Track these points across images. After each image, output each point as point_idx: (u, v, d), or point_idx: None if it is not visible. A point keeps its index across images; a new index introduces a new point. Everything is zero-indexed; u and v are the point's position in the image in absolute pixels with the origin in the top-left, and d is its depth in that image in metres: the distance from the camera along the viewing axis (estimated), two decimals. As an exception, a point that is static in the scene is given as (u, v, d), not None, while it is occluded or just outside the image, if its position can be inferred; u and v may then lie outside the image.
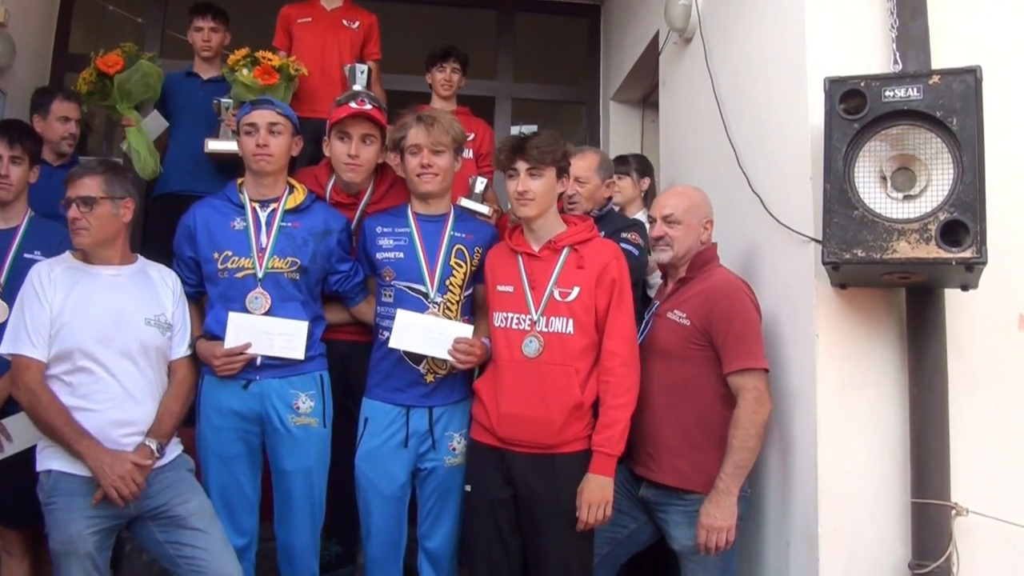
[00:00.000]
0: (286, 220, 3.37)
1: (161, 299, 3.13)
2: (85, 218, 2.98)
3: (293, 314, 3.31)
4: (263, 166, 3.34)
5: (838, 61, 3.00)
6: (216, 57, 4.78)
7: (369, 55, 5.08)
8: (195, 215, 3.38)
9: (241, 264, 3.29)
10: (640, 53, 5.36)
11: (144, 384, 3.02)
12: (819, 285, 2.92)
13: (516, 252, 3.23)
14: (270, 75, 4.30)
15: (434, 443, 3.32)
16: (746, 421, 2.97)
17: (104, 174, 3.05)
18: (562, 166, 3.20)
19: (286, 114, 3.42)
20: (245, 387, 3.27)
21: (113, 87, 4.39)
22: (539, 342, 3.10)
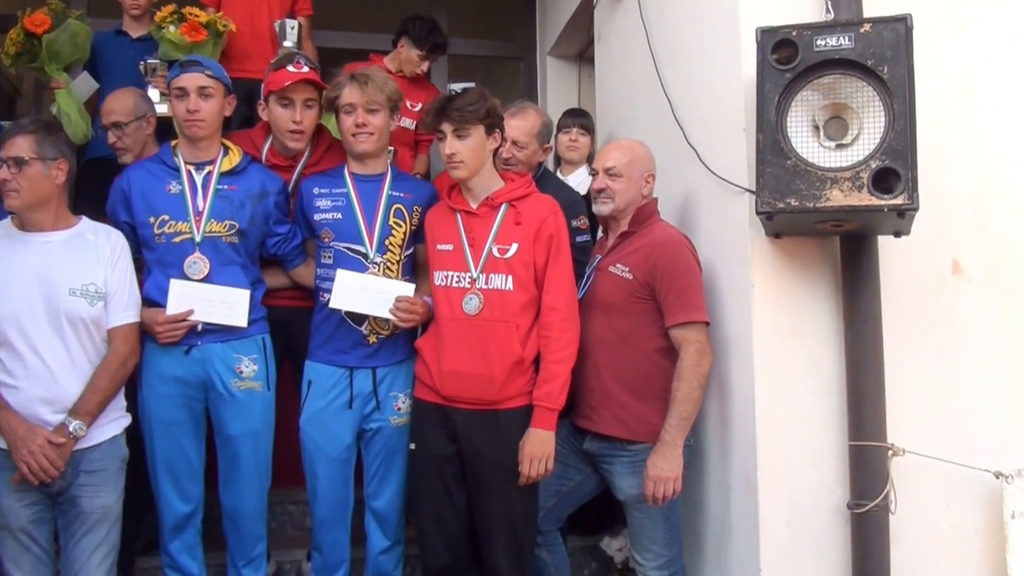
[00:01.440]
0: (222, 183, 3.32)
1: (92, 266, 2.98)
2: (15, 179, 2.87)
3: (232, 278, 3.27)
4: (195, 131, 3.28)
5: (770, 12, 2.99)
6: (145, 15, 4.62)
7: (300, 11, 4.96)
8: (129, 179, 3.31)
9: (178, 228, 3.24)
10: (575, 7, 5.31)
11: (71, 359, 2.91)
12: (754, 235, 2.95)
13: (455, 210, 3.21)
14: (197, 31, 4.21)
15: (378, 404, 3.32)
16: (689, 373, 3.01)
17: (35, 133, 2.93)
18: (491, 123, 3.15)
19: (217, 75, 3.34)
20: (187, 353, 3.23)
21: (42, 48, 4.26)
22: (479, 299, 3.09)
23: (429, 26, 4.80)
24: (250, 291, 3.29)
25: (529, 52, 6.48)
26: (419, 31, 4.76)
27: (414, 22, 4.79)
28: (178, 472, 3.28)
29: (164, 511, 3.30)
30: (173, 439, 3.26)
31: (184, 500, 3.29)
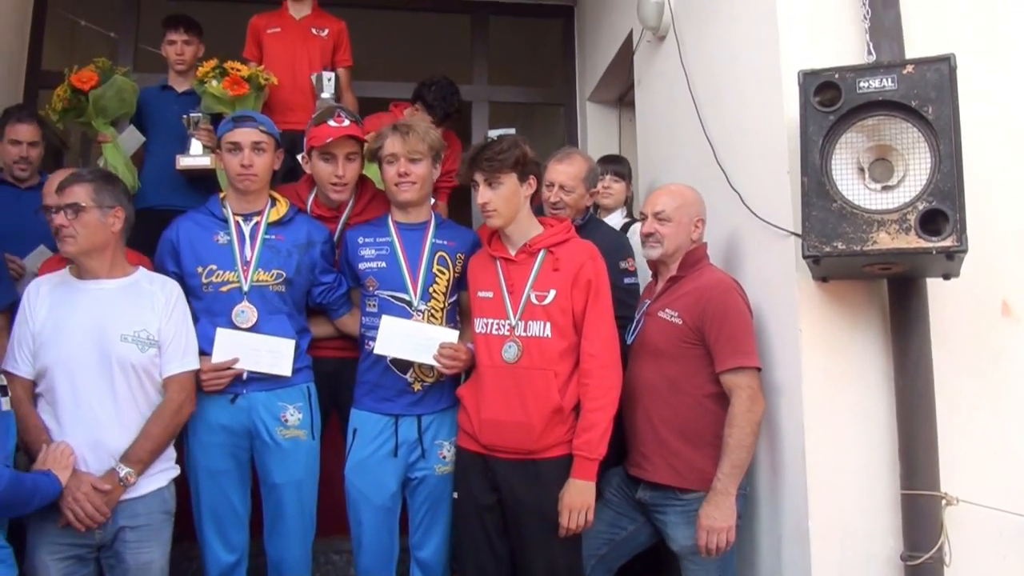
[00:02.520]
0: (269, 233, 3.37)
1: (145, 314, 3.01)
2: (72, 225, 2.92)
3: (279, 327, 3.30)
4: (248, 185, 3.34)
5: (812, 54, 2.99)
6: (190, 70, 4.73)
7: (340, 62, 5.06)
8: (178, 230, 3.36)
9: (226, 278, 3.28)
10: (614, 53, 5.35)
11: (119, 406, 2.93)
12: (801, 279, 2.91)
13: (494, 257, 3.21)
14: (240, 86, 4.28)
15: (424, 452, 3.31)
16: (741, 420, 2.96)
17: (94, 182, 2.99)
18: (523, 170, 3.16)
19: (269, 131, 3.40)
20: (232, 401, 3.25)
21: (88, 103, 4.36)
22: (518, 347, 3.09)
23: (443, 92, 4.77)
24: (295, 340, 3.31)
25: (569, 98, 6.53)
26: (432, 97, 4.76)
27: (429, 88, 4.78)
28: (223, 521, 3.27)
29: (209, 561, 3.29)
30: (218, 488, 3.26)
31: (229, 550, 3.28)
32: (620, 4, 5.24)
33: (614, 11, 5.42)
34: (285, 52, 4.91)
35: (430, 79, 4.81)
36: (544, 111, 7.45)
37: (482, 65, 6.55)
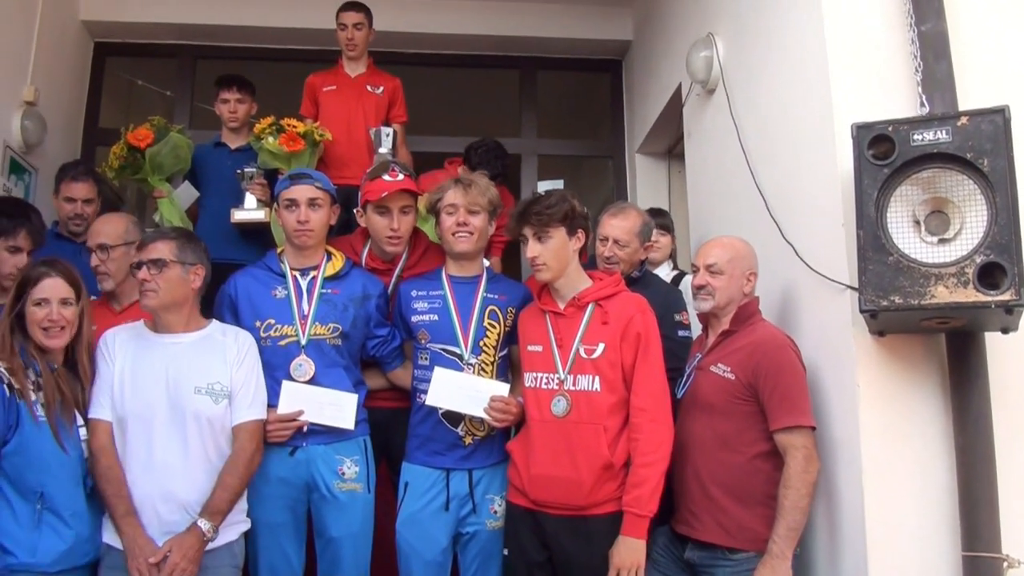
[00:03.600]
0: (326, 287, 3.42)
1: (218, 366, 3.06)
2: (154, 280, 3.00)
3: (337, 379, 3.34)
4: (305, 241, 3.40)
5: (864, 105, 2.99)
6: (243, 127, 4.86)
7: (394, 118, 5.14)
8: (236, 284, 3.42)
9: (284, 332, 3.33)
10: (663, 105, 5.38)
11: (191, 457, 2.96)
12: (857, 333, 2.88)
13: (544, 311, 3.22)
14: (295, 142, 4.37)
15: (475, 506, 3.30)
16: (797, 481, 2.89)
17: (177, 240, 3.09)
18: (572, 223, 3.18)
19: (325, 188, 3.47)
20: (292, 453, 3.28)
21: (145, 161, 4.46)
22: (567, 401, 3.08)
23: (489, 155, 4.84)
24: (357, 394, 3.34)
25: (618, 150, 6.56)
26: (478, 159, 4.82)
27: (476, 150, 4.87)
28: (278, 574, 3.27)
29: (263, 614, 3.30)
30: (275, 541, 3.26)
31: (284, 604, 3.28)
32: (668, 58, 5.28)
33: (662, 65, 5.46)
34: (341, 109, 4.99)
35: (478, 141, 4.89)
36: (592, 163, 7.49)
37: (531, 119, 6.61)
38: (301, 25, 6.12)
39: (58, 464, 2.82)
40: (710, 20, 4.50)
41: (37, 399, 2.84)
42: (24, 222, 3.52)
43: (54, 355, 2.93)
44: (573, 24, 6.35)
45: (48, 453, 2.80)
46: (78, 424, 2.91)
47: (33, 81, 5.21)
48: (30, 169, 5.23)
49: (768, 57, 3.75)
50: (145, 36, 6.33)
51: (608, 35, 6.42)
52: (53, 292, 2.89)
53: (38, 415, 2.81)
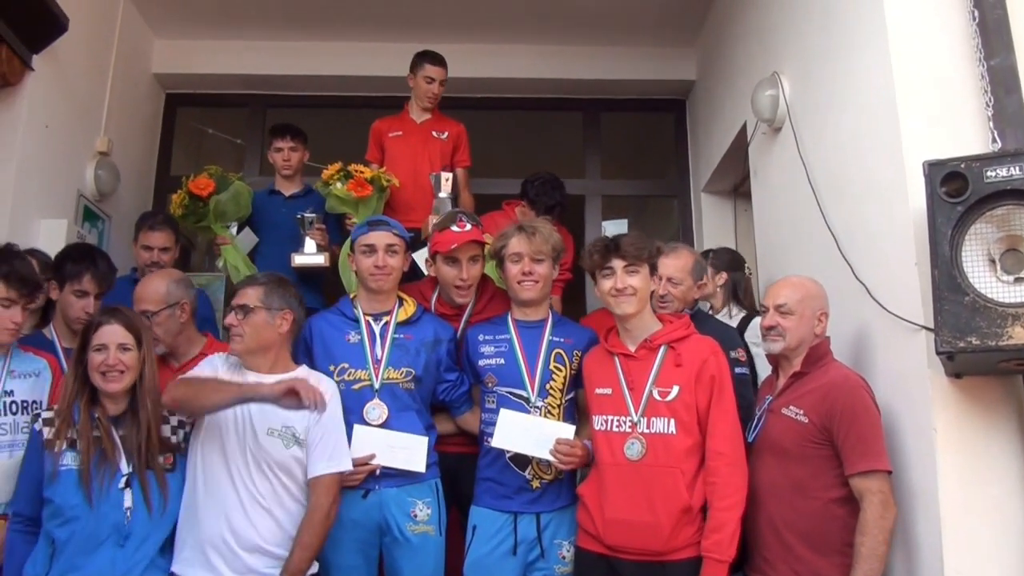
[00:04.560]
0: (399, 332, 3.47)
1: (296, 412, 3.03)
2: (241, 325, 3.07)
3: (410, 423, 3.36)
4: (381, 285, 3.47)
5: (934, 142, 2.95)
6: (296, 175, 4.97)
7: (458, 163, 5.20)
8: (311, 328, 3.47)
9: (358, 376, 3.37)
10: (728, 144, 5.37)
11: (256, 498, 2.97)
12: (933, 375, 2.81)
13: (613, 354, 3.21)
14: (363, 187, 4.45)
15: (543, 551, 3.27)
16: (874, 527, 2.81)
17: (265, 285, 3.15)
18: (654, 263, 3.22)
19: (401, 235, 3.55)
20: (365, 496, 3.29)
21: (208, 209, 4.57)
22: (641, 444, 3.04)
23: (545, 187, 4.84)
24: (428, 438, 3.36)
25: (683, 189, 6.56)
26: (534, 192, 4.83)
27: (533, 184, 4.87)
28: (350, 617, 3.28)
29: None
30: None
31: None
32: (733, 97, 5.28)
33: (727, 104, 5.46)
34: (407, 154, 5.08)
35: (535, 175, 4.91)
36: (656, 203, 7.48)
37: (594, 159, 6.64)
38: (367, 73, 6.29)
39: (79, 514, 2.85)
40: (775, 59, 4.50)
41: (69, 448, 2.90)
42: (89, 266, 3.62)
43: (116, 401, 2.98)
44: (636, 66, 6.42)
45: (67, 503, 2.85)
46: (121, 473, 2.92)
47: (106, 132, 5.42)
48: (103, 216, 5.40)
49: (835, 95, 3.73)
50: (215, 87, 6.55)
51: (671, 75, 6.46)
52: (111, 338, 2.95)
53: (61, 464, 2.88)
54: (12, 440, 3.14)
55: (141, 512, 2.89)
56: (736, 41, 5.30)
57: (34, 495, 2.91)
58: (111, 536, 2.84)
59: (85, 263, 3.63)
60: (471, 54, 5.81)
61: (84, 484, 2.85)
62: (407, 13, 5.96)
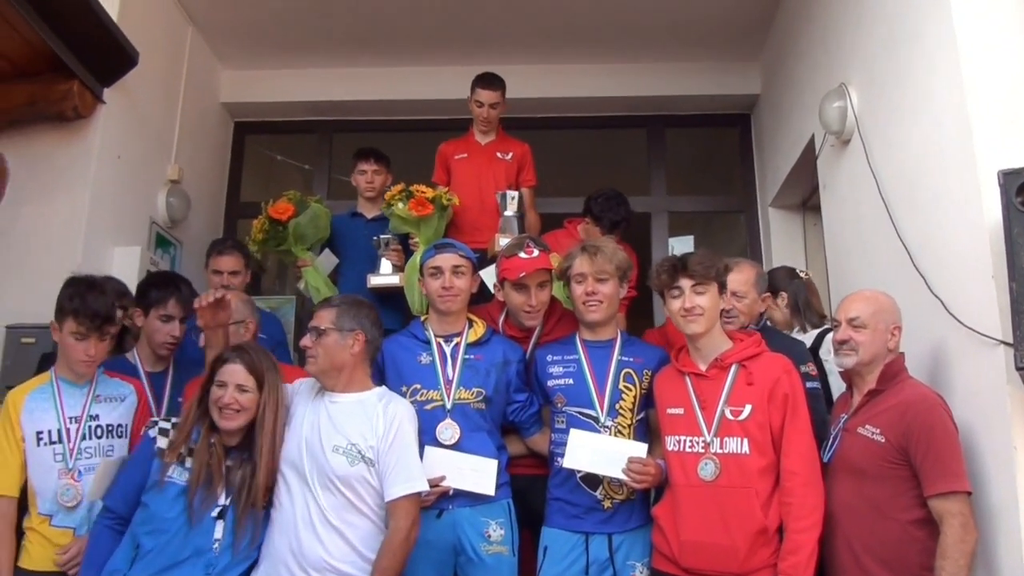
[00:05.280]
0: (469, 353, 3.49)
1: (363, 429, 3.05)
2: (314, 347, 3.12)
3: (481, 443, 3.38)
4: (449, 306, 3.51)
5: (1009, 151, 2.89)
6: (379, 197, 5.01)
7: (524, 183, 5.21)
8: (383, 351, 3.49)
9: (430, 396, 3.40)
10: (796, 158, 5.32)
11: (321, 515, 2.97)
12: (1013, 391, 2.74)
13: (684, 373, 3.19)
14: (424, 207, 4.48)
15: (615, 572, 3.25)
16: (954, 551, 2.72)
17: (338, 307, 3.19)
18: (722, 281, 3.20)
19: (467, 256, 3.59)
20: (438, 516, 3.31)
21: (288, 232, 4.64)
22: (715, 464, 3.01)
23: (609, 204, 4.77)
24: (498, 460, 3.37)
25: (750, 204, 6.51)
26: (598, 208, 4.77)
27: (597, 200, 4.81)
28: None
29: None
30: None
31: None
32: (799, 110, 5.23)
33: (793, 117, 5.41)
34: (472, 176, 5.09)
35: (598, 191, 4.87)
36: (723, 219, 7.43)
37: (659, 176, 6.62)
38: (432, 96, 6.39)
39: (169, 528, 2.92)
40: (841, 70, 4.45)
41: (180, 464, 2.99)
42: (173, 291, 3.75)
43: (231, 436, 3.06)
44: (700, 81, 6.40)
45: (161, 513, 2.93)
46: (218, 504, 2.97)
47: (177, 160, 5.59)
48: (175, 243, 5.55)
49: (905, 105, 3.67)
50: (282, 114, 6.73)
51: (736, 90, 6.44)
52: (232, 377, 3.04)
53: (169, 476, 2.98)
54: (93, 464, 3.26)
55: (227, 547, 2.94)
56: (801, 53, 5.26)
57: (130, 496, 3.03)
58: (190, 558, 2.89)
59: (169, 289, 3.76)
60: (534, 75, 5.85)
61: (188, 502, 2.93)
62: (470, 36, 6.05)
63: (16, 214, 4.69)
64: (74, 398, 3.31)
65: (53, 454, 3.21)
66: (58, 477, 3.19)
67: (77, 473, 3.22)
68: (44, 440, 3.22)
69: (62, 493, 3.17)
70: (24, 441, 3.21)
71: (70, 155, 4.79)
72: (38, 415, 3.24)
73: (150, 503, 2.97)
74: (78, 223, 4.71)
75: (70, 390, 3.32)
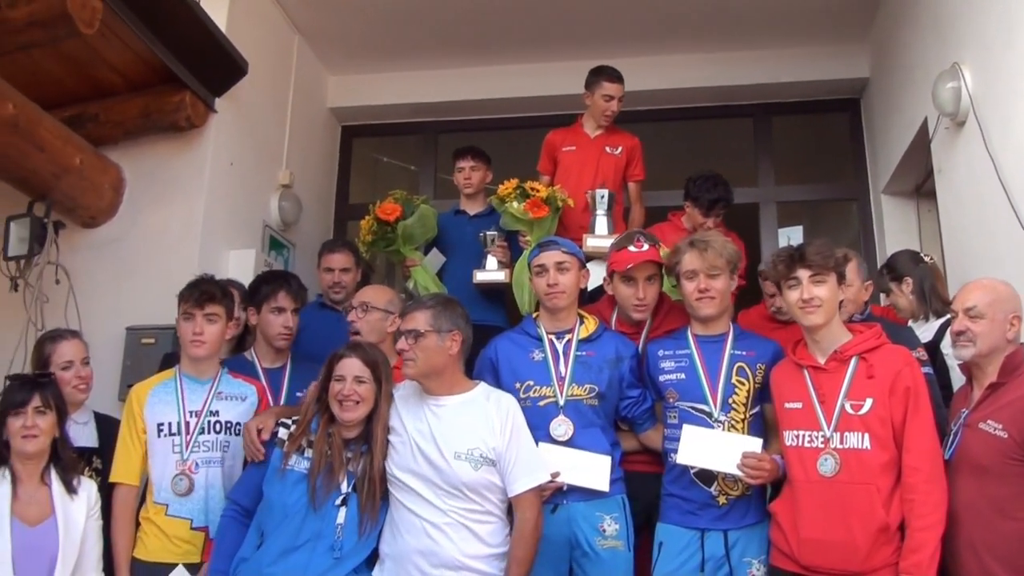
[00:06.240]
0: (581, 349, 3.49)
1: (480, 431, 3.10)
2: (412, 349, 3.15)
3: (594, 439, 3.38)
4: (556, 302, 3.51)
5: None
6: (479, 193, 5.08)
7: (631, 177, 5.18)
8: (496, 349, 3.56)
9: (543, 393, 3.42)
10: (909, 142, 5.17)
11: (451, 517, 3.01)
12: None
13: (801, 366, 3.13)
14: (539, 208, 4.50)
15: (731, 570, 3.21)
16: None
17: (433, 308, 3.22)
18: (841, 271, 3.12)
19: (571, 252, 3.57)
20: (553, 511, 3.31)
21: (396, 233, 4.72)
22: (835, 460, 2.95)
23: (706, 184, 4.69)
24: (611, 456, 3.36)
25: (861, 192, 6.35)
26: (696, 189, 4.71)
27: (694, 181, 4.74)
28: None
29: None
30: None
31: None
32: (911, 92, 5.09)
33: (904, 100, 5.27)
34: (579, 169, 5.07)
35: (697, 174, 4.80)
36: (832, 207, 7.27)
37: (767, 166, 6.51)
38: (534, 93, 6.45)
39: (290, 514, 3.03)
40: (954, 49, 4.33)
41: (299, 454, 3.11)
42: (282, 284, 3.91)
43: (350, 428, 3.15)
44: (806, 66, 6.28)
45: (282, 501, 3.05)
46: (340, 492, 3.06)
47: (288, 165, 5.76)
48: (288, 245, 5.72)
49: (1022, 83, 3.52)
50: (388, 117, 6.89)
51: (844, 74, 6.29)
52: (349, 370, 3.13)
53: (288, 465, 3.10)
54: (209, 457, 3.41)
55: (351, 531, 3.04)
56: (911, 33, 5.12)
57: (253, 489, 3.17)
58: (311, 541, 3.00)
59: (278, 282, 3.92)
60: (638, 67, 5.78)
61: (309, 489, 3.03)
62: (572, 32, 6.07)
63: (134, 221, 4.94)
64: (196, 393, 3.47)
65: (172, 445, 3.37)
66: (174, 468, 3.35)
67: (193, 464, 3.37)
68: (164, 432, 3.39)
69: (177, 483, 3.33)
70: (146, 433, 3.39)
71: (184, 163, 5.01)
72: (160, 408, 3.42)
73: (271, 493, 3.09)
74: (194, 228, 4.91)
75: (192, 385, 3.49)
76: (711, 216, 4.64)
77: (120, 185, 4.98)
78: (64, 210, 4.78)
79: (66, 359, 3.65)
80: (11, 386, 3.16)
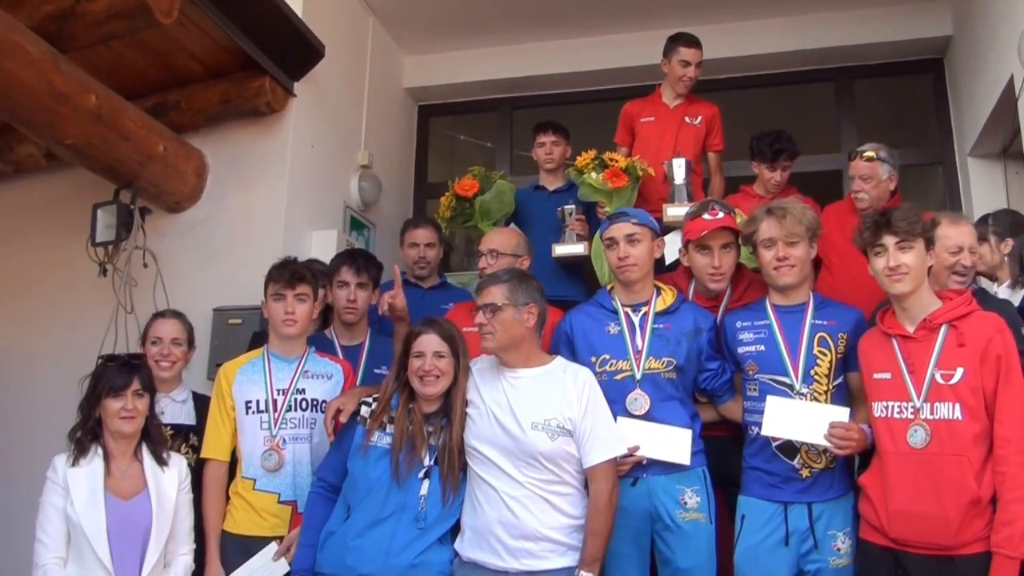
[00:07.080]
0: (658, 322, 3.45)
1: (556, 402, 3.11)
2: (490, 323, 3.18)
3: (672, 412, 3.36)
4: (628, 275, 3.47)
5: None
6: (559, 168, 5.05)
7: (711, 147, 5.13)
8: (571, 322, 3.55)
9: (619, 367, 3.40)
10: (995, 101, 4.97)
11: (529, 489, 3.04)
12: None
13: (889, 335, 3.05)
14: (619, 178, 4.46)
15: (816, 543, 3.17)
16: None
17: (509, 282, 3.24)
18: (929, 237, 3.02)
19: (643, 222, 3.52)
20: (634, 484, 3.31)
21: (474, 209, 4.77)
22: (925, 431, 2.87)
23: (767, 136, 4.65)
24: (692, 430, 3.34)
25: (947, 155, 6.14)
26: (757, 145, 4.66)
27: (757, 139, 4.70)
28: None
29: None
30: (622, 572, 3.29)
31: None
32: (995, 49, 4.91)
33: (988, 57, 5.07)
34: (658, 140, 5.02)
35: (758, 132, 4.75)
36: (916, 172, 7.06)
37: (850, 131, 6.34)
38: (611, 65, 6.39)
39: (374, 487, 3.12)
40: (1040, 1, 4.14)
41: (381, 430, 3.18)
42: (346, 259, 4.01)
43: (430, 403, 3.22)
44: (887, 27, 6.09)
45: (366, 475, 3.14)
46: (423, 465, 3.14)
47: (366, 146, 5.82)
48: (368, 225, 5.80)
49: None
50: (463, 95, 6.91)
51: (926, 33, 6.09)
52: (428, 346, 3.19)
53: (370, 441, 3.18)
54: (296, 434, 3.50)
55: (434, 502, 3.11)
56: (995, -15, 4.92)
57: (339, 466, 3.25)
58: (395, 513, 3.08)
59: (342, 258, 4.03)
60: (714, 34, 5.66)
61: (392, 464, 3.11)
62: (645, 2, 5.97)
63: (219, 206, 5.05)
64: (283, 372, 3.56)
65: (260, 422, 3.47)
66: (263, 444, 3.44)
67: (281, 441, 3.46)
68: (252, 409, 3.49)
69: (265, 459, 3.42)
70: (235, 410, 3.49)
71: (266, 147, 5.10)
72: (248, 386, 3.52)
73: (355, 468, 3.18)
74: (277, 211, 4.99)
75: (280, 364, 3.58)
76: (777, 169, 4.60)
77: (203, 170, 5.09)
78: (149, 196, 4.90)
79: (156, 335, 3.79)
80: (109, 368, 3.25)
